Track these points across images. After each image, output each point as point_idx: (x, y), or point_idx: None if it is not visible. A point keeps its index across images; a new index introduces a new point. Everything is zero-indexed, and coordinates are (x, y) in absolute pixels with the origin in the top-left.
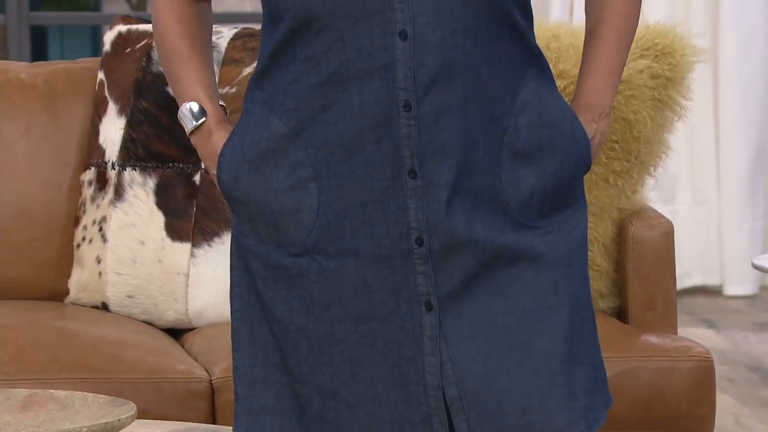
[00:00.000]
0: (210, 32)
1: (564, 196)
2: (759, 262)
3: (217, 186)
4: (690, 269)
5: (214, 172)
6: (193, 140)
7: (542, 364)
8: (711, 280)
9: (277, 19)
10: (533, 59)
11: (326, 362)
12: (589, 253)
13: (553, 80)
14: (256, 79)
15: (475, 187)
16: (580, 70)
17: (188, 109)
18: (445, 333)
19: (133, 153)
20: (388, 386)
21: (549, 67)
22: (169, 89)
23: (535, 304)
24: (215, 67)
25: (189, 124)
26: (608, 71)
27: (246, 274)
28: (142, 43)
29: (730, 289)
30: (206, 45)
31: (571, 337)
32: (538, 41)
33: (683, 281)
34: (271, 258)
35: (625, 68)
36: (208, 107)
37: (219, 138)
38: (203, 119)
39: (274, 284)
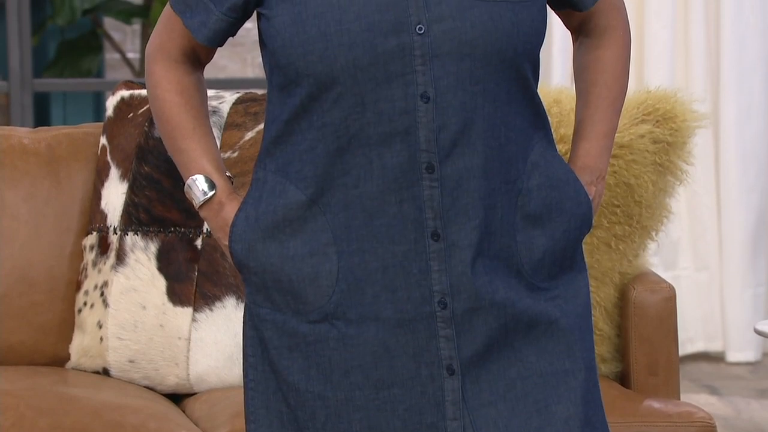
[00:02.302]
0: (207, 102)
1: (570, 258)
2: (761, 327)
3: (229, 257)
4: (692, 335)
5: (226, 243)
6: (203, 213)
7: (562, 429)
8: (713, 347)
9: (293, 85)
10: (540, 121)
11: (345, 430)
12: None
13: (554, 140)
14: (267, 147)
15: (493, 250)
16: (574, 132)
17: (196, 182)
18: (465, 398)
19: (134, 217)
20: None
21: (551, 127)
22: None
23: (552, 369)
24: (217, 131)
25: (199, 197)
26: (604, 134)
27: (260, 344)
28: (145, 108)
29: (732, 356)
30: (207, 116)
31: (586, 401)
32: None
33: (685, 347)
34: (287, 326)
35: (626, 133)
36: (216, 180)
37: (230, 209)
38: (213, 192)
39: (289, 353)
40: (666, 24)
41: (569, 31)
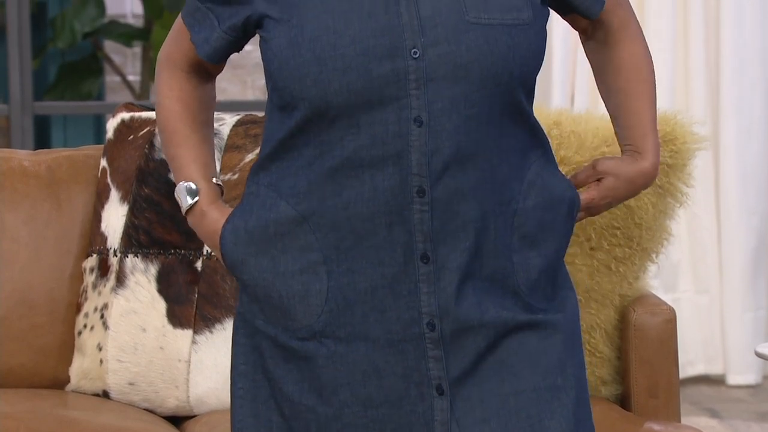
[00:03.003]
0: (211, 112)
1: (561, 277)
2: (762, 350)
3: (222, 264)
4: (693, 358)
5: (212, 251)
6: (189, 220)
7: None
8: (714, 369)
9: (290, 108)
10: (536, 140)
11: None
12: (591, 339)
13: (554, 157)
14: (262, 162)
15: (486, 271)
16: (623, 122)
17: (183, 188)
18: (456, 416)
19: (135, 240)
20: None
21: (549, 143)
22: (171, 176)
23: (545, 384)
24: (217, 153)
25: (183, 203)
26: (654, 124)
27: (253, 352)
28: (145, 130)
29: (733, 379)
30: (205, 124)
31: (577, 419)
32: None
33: (686, 370)
34: (279, 339)
35: None
36: (201, 186)
37: (212, 218)
38: (196, 199)
39: (284, 363)
40: (666, 46)
41: (576, 31)
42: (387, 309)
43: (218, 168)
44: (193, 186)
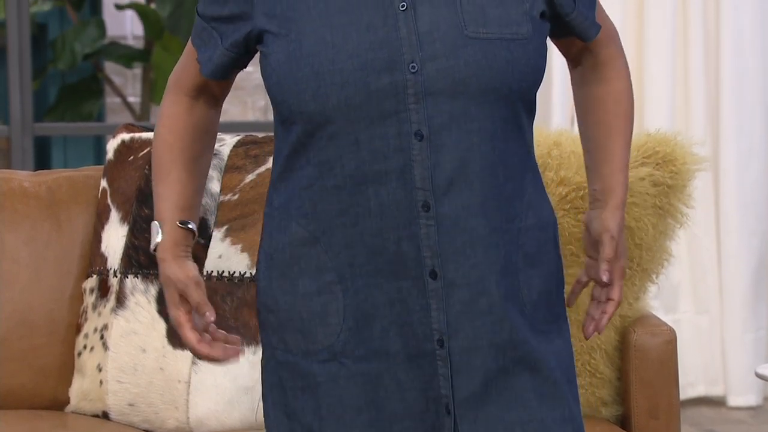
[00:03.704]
0: (209, 141)
1: (557, 303)
2: (763, 371)
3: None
4: (693, 379)
5: (166, 296)
6: (158, 260)
7: None
8: (714, 391)
9: (289, 122)
10: (530, 161)
11: None
12: (591, 360)
13: (541, 181)
14: (274, 182)
15: (495, 289)
16: (592, 161)
17: (153, 226)
18: None
19: (135, 260)
20: None
21: (538, 167)
22: None
23: (552, 416)
24: (217, 173)
25: (151, 244)
26: (624, 165)
27: (277, 387)
28: (145, 151)
29: (733, 400)
30: (197, 157)
31: None
32: (539, 148)
33: (686, 392)
34: (299, 366)
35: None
36: (165, 229)
37: (167, 267)
38: (158, 243)
39: (302, 394)
40: (666, 67)
41: (567, 60)
42: (404, 323)
43: (218, 189)
44: (160, 229)
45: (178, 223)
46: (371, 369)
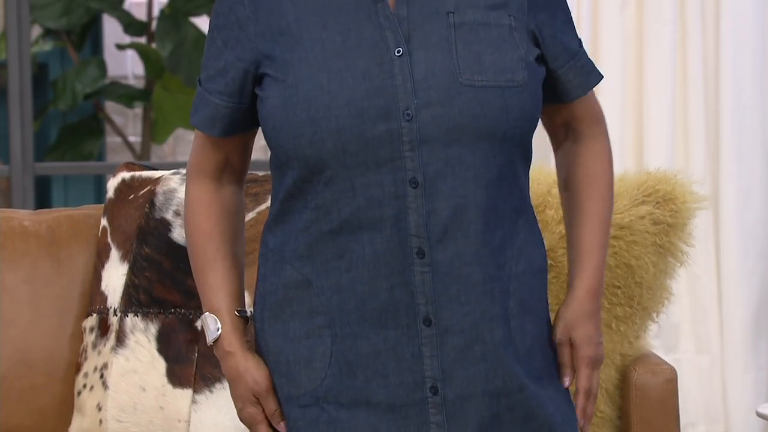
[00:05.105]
0: (241, 220)
1: (552, 349)
2: (764, 411)
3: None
4: (694, 419)
5: (233, 391)
6: (215, 352)
7: None
8: (715, 430)
9: (285, 167)
10: (524, 205)
11: None
12: None
13: (537, 223)
14: (269, 223)
15: (488, 336)
16: (573, 247)
17: (207, 319)
18: None
19: (135, 299)
20: None
21: (534, 211)
22: (171, 236)
23: None
24: None
25: (208, 336)
26: (602, 249)
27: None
28: (146, 189)
29: None
30: (233, 244)
31: None
32: (539, 186)
33: (687, 431)
34: (284, 408)
35: (626, 214)
36: (225, 321)
37: (234, 360)
38: (218, 334)
39: None
40: (665, 106)
41: (550, 137)
42: (390, 373)
43: None
44: (217, 320)
45: (236, 312)
46: (350, 417)
